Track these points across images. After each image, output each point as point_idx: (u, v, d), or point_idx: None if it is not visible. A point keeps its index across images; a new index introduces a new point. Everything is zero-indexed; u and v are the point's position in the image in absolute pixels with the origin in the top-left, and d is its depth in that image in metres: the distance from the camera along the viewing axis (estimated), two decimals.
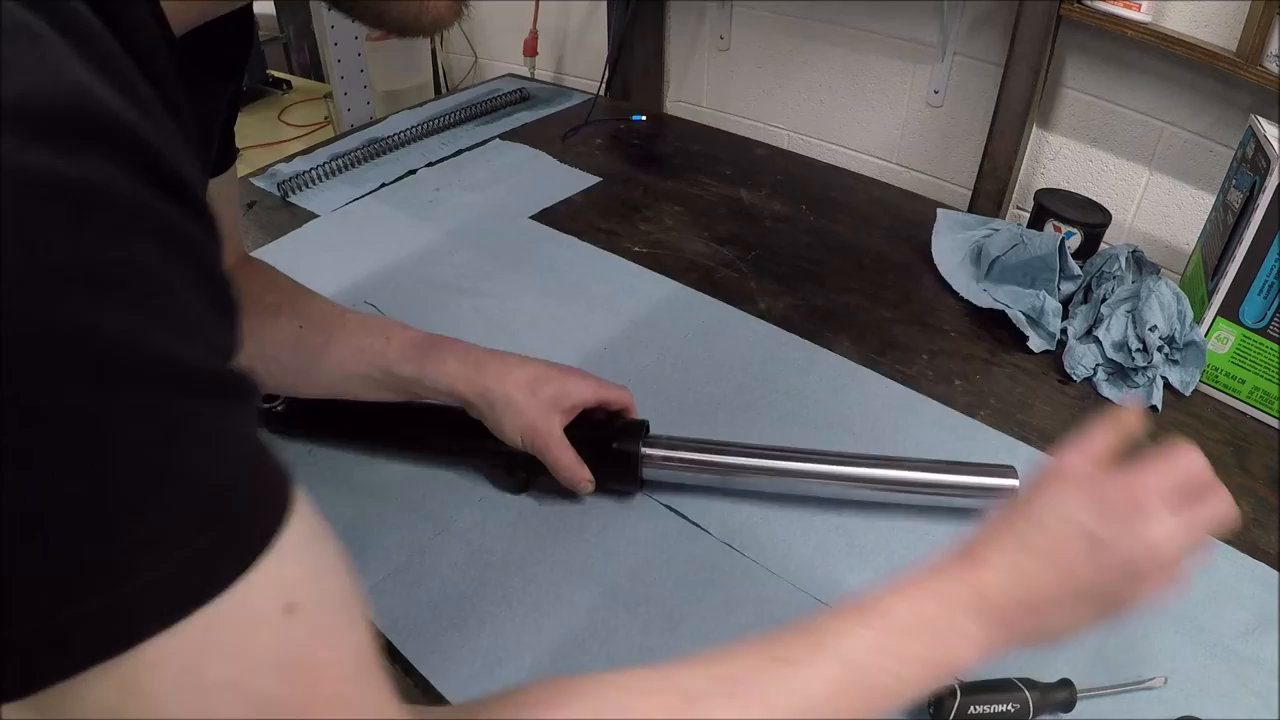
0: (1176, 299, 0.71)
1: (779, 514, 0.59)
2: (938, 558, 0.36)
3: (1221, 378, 0.71)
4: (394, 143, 1.15)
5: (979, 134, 1.05)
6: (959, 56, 1.07)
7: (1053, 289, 0.78)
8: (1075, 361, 0.72)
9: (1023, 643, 0.35)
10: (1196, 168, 0.93)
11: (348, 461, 0.63)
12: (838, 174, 1.11)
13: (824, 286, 0.85)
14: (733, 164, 1.11)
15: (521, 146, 1.16)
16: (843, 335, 0.78)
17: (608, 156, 1.14)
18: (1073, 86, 1.00)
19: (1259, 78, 0.78)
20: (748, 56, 1.30)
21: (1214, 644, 0.50)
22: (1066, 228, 0.86)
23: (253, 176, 1.10)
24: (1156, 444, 0.40)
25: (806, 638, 0.34)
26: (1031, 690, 0.45)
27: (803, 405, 0.69)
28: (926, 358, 0.75)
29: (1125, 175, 0.99)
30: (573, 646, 0.50)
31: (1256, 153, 0.67)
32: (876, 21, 1.12)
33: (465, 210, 0.99)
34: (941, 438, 0.65)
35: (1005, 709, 0.44)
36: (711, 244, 0.92)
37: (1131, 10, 0.86)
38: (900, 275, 0.87)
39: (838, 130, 1.25)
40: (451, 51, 1.83)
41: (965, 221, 0.93)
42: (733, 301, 0.82)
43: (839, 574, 0.55)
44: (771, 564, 0.55)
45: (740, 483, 0.58)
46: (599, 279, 0.85)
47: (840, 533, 0.57)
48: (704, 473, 0.58)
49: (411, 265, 0.88)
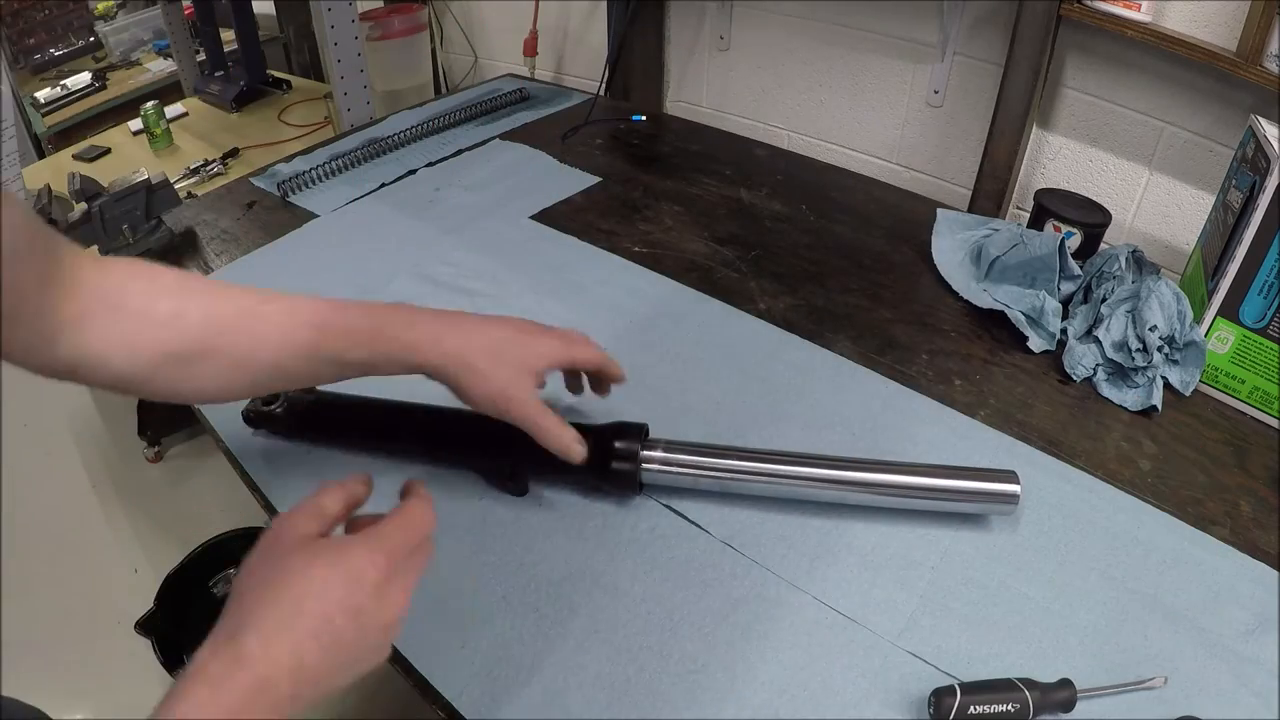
0: (1176, 299, 0.71)
1: (779, 514, 0.59)
2: (200, 659, 0.34)
3: (1221, 378, 0.71)
4: (394, 143, 1.15)
5: (979, 134, 1.05)
6: (959, 56, 1.07)
7: (1053, 289, 0.78)
8: (1075, 361, 0.72)
9: (297, 712, 0.35)
10: (1196, 168, 0.93)
11: (347, 462, 0.63)
12: (838, 174, 1.11)
13: (824, 286, 0.85)
14: (733, 164, 1.11)
15: (521, 146, 1.16)
16: (842, 335, 0.78)
17: (608, 156, 1.14)
18: (1073, 86, 1.00)
19: (1259, 78, 0.78)
20: (748, 56, 1.30)
21: (1214, 644, 0.50)
22: (1066, 228, 0.86)
23: (253, 176, 1.10)
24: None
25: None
26: (1031, 690, 0.45)
27: (802, 405, 0.69)
28: (926, 357, 0.75)
29: (1125, 175, 0.99)
30: (573, 647, 0.50)
31: (1256, 153, 0.67)
32: (876, 21, 1.12)
33: (465, 210, 0.99)
34: (941, 437, 0.65)
35: (1005, 709, 0.44)
36: (711, 244, 0.92)
37: (1131, 10, 0.86)
38: (900, 275, 0.87)
39: (838, 130, 1.25)
40: (451, 51, 1.83)
41: (965, 221, 0.93)
42: (733, 301, 0.82)
43: (839, 574, 0.55)
44: (771, 564, 0.55)
45: (739, 487, 0.58)
46: (599, 279, 0.85)
47: (840, 533, 0.57)
48: (702, 478, 0.58)
49: (411, 265, 0.88)
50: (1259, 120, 0.70)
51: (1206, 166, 0.91)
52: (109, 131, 1.80)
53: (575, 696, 0.48)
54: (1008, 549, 0.56)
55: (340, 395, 0.64)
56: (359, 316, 0.53)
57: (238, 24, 1.76)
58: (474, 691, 0.48)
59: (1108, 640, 0.50)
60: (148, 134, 1.62)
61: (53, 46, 2.17)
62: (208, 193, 1.10)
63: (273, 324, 0.50)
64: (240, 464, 0.64)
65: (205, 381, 0.49)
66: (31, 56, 2.13)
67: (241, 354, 0.49)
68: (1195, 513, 0.59)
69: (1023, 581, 0.54)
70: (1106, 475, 0.62)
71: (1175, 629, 0.51)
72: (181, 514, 1.40)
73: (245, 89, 1.78)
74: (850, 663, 0.49)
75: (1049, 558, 0.55)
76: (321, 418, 0.65)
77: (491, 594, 0.53)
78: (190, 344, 0.48)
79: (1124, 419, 0.68)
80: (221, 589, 1.24)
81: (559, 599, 0.53)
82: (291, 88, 1.83)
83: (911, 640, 0.50)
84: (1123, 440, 0.66)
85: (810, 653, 0.50)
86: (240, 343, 0.49)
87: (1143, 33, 0.85)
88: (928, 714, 0.45)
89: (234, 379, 0.50)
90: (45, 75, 2.15)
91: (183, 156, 1.57)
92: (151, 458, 1.52)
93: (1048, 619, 0.51)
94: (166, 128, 1.63)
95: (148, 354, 0.46)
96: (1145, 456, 0.65)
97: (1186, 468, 0.64)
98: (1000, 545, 0.56)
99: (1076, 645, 0.50)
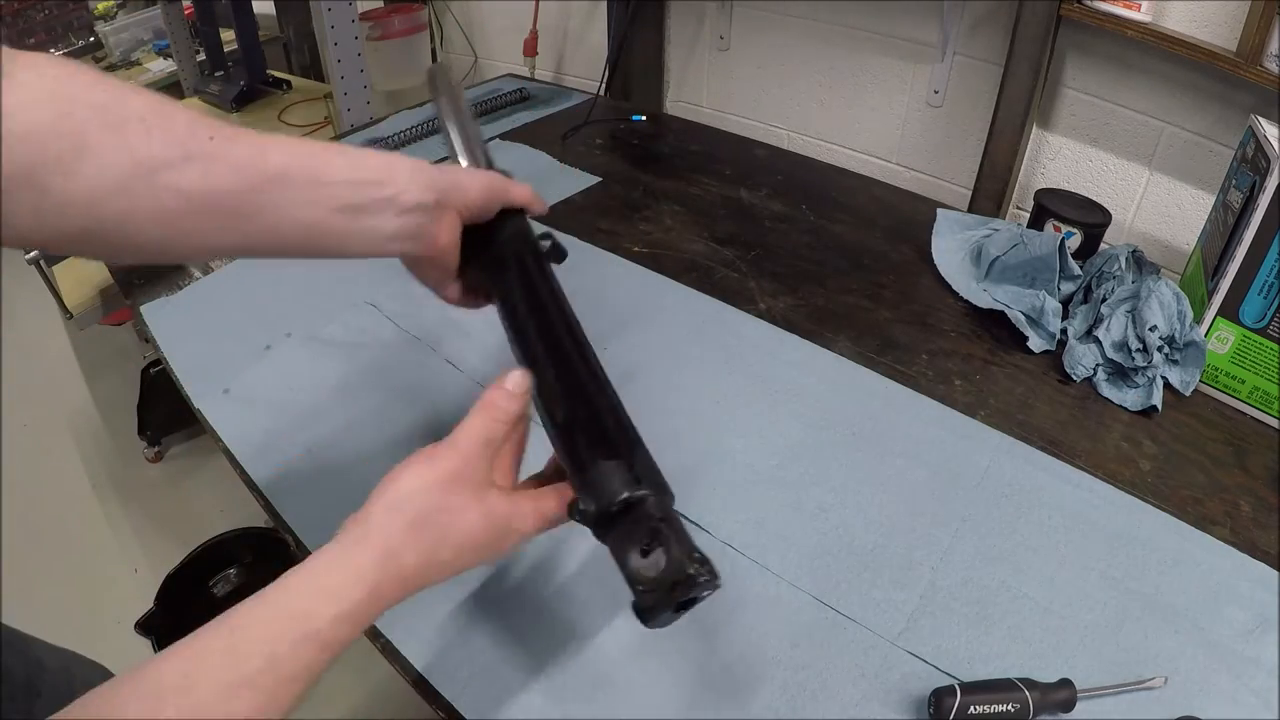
0: (1176, 299, 0.71)
1: (779, 514, 0.59)
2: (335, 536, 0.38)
3: (1221, 378, 0.71)
4: (394, 143, 1.15)
5: (979, 134, 1.05)
6: (959, 56, 1.07)
7: (1053, 289, 0.78)
8: (1075, 361, 0.72)
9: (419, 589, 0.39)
10: (1196, 168, 0.93)
11: (347, 462, 0.63)
12: (838, 174, 1.11)
13: (824, 286, 0.85)
14: (733, 164, 1.11)
15: (521, 146, 1.16)
16: (842, 335, 0.78)
17: (608, 156, 1.14)
18: (1073, 86, 1.00)
19: (1259, 78, 0.78)
20: (748, 56, 1.30)
21: (1214, 644, 0.50)
22: (1066, 228, 0.86)
23: None
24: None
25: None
26: (1031, 690, 0.45)
27: (802, 405, 0.69)
28: (926, 357, 0.75)
29: (1125, 175, 0.99)
30: (573, 647, 0.50)
31: (1256, 153, 0.67)
32: (876, 21, 1.12)
33: None
34: (941, 438, 0.65)
35: (1005, 709, 0.44)
36: (711, 244, 0.92)
37: (1131, 10, 0.86)
38: (900, 275, 0.87)
39: (838, 130, 1.25)
40: (451, 51, 1.83)
41: (965, 221, 0.93)
42: (733, 301, 0.82)
43: (839, 574, 0.55)
44: (771, 564, 0.55)
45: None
46: (599, 279, 0.85)
47: (840, 532, 0.57)
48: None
49: None
50: (1259, 120, 0.70)
51: (1206, 166, 0.91)
52: None
53: (575, 697, 0.48)
54: (1008, 549, 0.56)
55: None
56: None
57: (238, 24, 1.75)
58: (474, 691, 0.48)
59: (1108, 640, 0.50)
60: None
61: (53, 46, 2.17)
62: None
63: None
64: (240, 464, 0.64)
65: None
66: None
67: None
68: (1195, 513, 0.59)
69: (1023, 581, 0.54)
70: (1106, 475, 0.62)
71: (1175, 629, 0.51)
72: (181, 514, 1.40)
73: (245, 89, 1.78)
74: (850, 663, 0.49)
75: (1049, 558, 0.55)
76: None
77: (492, 594, 0.53)
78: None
79: (1124, 419, 0.68)
80: (222, 589, 1.24)
81: (560, 599, 0.53)
82: (291, 88, 1.83)
83: (911, 640, 0.50)
84: (1123, 440, 0.66)
85: (810, 653, 0.50)
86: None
87: (1143, 33, 0.85)
88: (928, 714, 0.45)
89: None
90: None
91: None
92: (151, 458, 1.52)
93: (1048, 619, 0.51)
94: None
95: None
96: (1145, 456, 0.65)
97: (1186, 468, 0.64)
98: (1000, 545, 0.56)
99: (1076, 645, 0.50)
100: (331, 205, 0.41)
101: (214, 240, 0.40)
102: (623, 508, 0.38)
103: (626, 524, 0.38)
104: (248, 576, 1.26)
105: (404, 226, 0.45)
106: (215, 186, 0.38)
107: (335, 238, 0.43)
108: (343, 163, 0.42)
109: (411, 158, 0.47)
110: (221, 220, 0.39)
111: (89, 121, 0.35)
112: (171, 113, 0.38)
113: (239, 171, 0.39)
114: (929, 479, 0.62)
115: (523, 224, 0.54)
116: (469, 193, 0.49)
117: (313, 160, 0.41)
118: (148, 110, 0.37)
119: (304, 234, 0.42)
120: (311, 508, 0.60)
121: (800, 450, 0.64)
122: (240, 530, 1.26)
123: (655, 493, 0.39)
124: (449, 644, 0.50)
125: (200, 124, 0.38)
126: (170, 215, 0.37)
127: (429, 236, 0.47)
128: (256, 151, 0.39)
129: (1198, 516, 0.59)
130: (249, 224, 0.40)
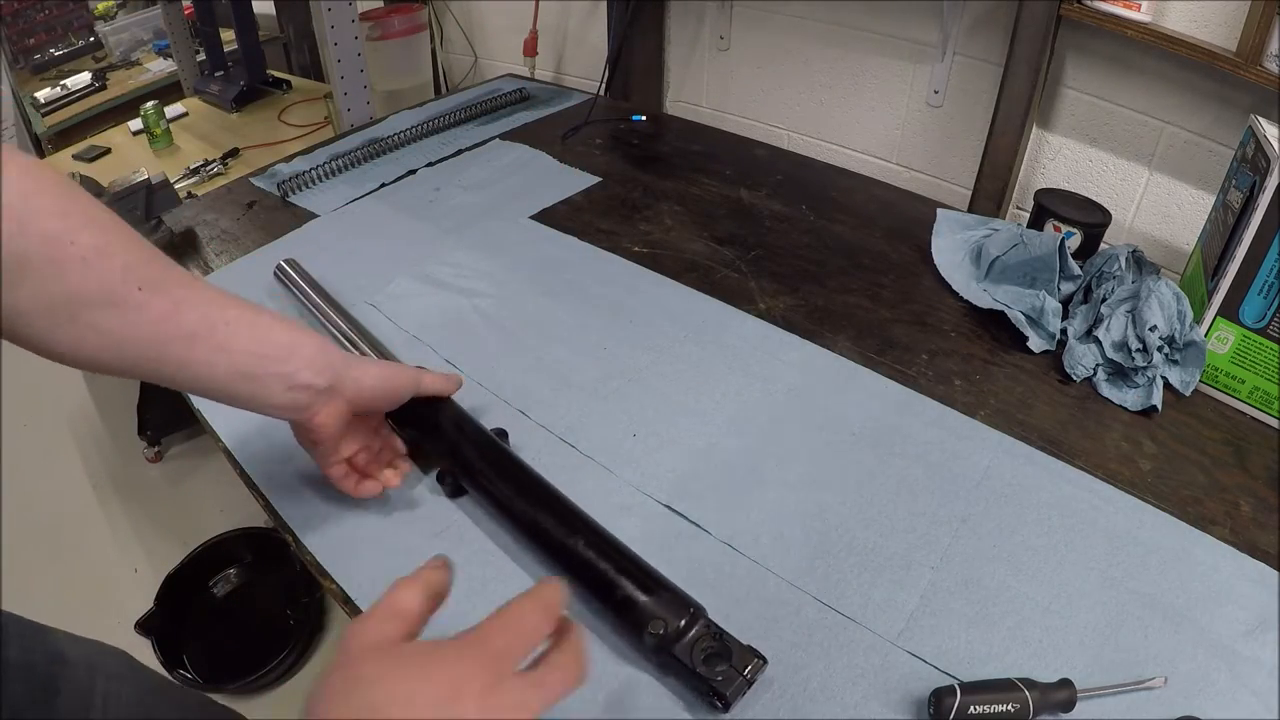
0: (1176, 299, 0.71)
1: (779, 514, 0.59)
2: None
3: (1221, 378, 0.71)
4: (394, 143, 1.15)
5: (979, 134, 1.05)
6: (959, 56, 1.07)
7: (1053, 289, 0.78)
8: (1075, 361, 0.72)
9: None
10: (1196, 168, 0.93)
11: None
12: (838, 174, 1.11)
13: (824, 286, 0.85)
14: (733, 164, 1.11)
15: (521, 146, 1.16)
16: (842, 335, 0.78)
17: (608, 156, 1.14)
18: (1073, 86, 1.00)
19: (1259, 78, 0.78)
20: (748, 56, 1.30)
21: (1214, 644, 0.50)
22: (1066, 228, 0.86)
23: (253, 176, 1.10)
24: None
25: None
26: (1031, 690, 0.45)
27: (802, 405, 0.69)
28: (926, 357, 0.75)
29: (1125, 175, 0.99)
30: None
31: (1256, 153, 0.67)
32: (876, 21, 1.12)
33: (465, 210, 0.99)
34: (941, 437, 0.65)
35: (1005, 709, 0.44)
36: (711, 244, 0.92)
37: (1131, 10, 0.86)
38: (900, 275, 0.87)
39: (838, 130, 1.25)
40: (451, 51, 1.83)
41: (965, 221, 0.93)
42: (732, 301, 0.82)
43: (839, 574, 0.55)
44: (771, 564, 0.55)
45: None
46: (599, 279, 0.85)
47: (840, 533, 0.57)
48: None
49: (411, 265, 0.88)
50: (1259, 120, 0.70)
51: (1206, 166, 0.91)
52: (109, 132, 1.80)
53: (575, 697, 0.47)
54: (1008, 549, 0.56)
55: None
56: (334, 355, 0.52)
57: (238, 24, 1.76)
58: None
59: (1108, 640, 0.50)
60: (148, 134, 1.62)
61: (53, 46, 2.17)
62: (208, 193, 1.10)
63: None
64: (240, 464, 0.64)
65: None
66: (31, 56, 2.13)
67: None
68: (1195, 513, 0.59)
69: (1023, 581, 0.54)
70: (1106, 475, 0.62)
71: (1175, 629, 0.51)
72: (181, 514, 1.40)
73: (245, 89, 1.78)
74: (850, 663, 0.49)
75: (1049, 558, 0.55)
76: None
77: (492, 595, 0.53)
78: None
79: (1124, 419, 0.68)
80: (221, 589, 1.24)
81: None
82: (291, 88, 1.83)
83: (911, 640, 0.50)
84: (1123, 440, 0.66)
85: (810, 653, 0.50)
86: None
87: (1143, 33, 0.85)
88: (928, 714, 0.45)
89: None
90: (45, 75, 2.15)
91: (183, 156, 1.57)
92: (151, 458, 1.52)
93: (1048, 619, 0.51)
94: (166, 128, 1.63)
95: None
96: (1145, 456, 0.65)
97: (1186, 468, 0.64)
98: (1000, 545, 0.56)
99: (1076, 645, 0.50)
100: (230, 369, 0.47)
101: (127, 373, 0.45)
102: (688, 621, 0.47)
103: (691, 638, 0.47)
104: (248, 576, 1.26)
105: (293, 400, 0.50)
106: (130, 335, 0.43)
107: (229, 395, 0.49)
108: (249, 335, 0.48)
109: (322, 338, 0.52)
110: (133, 361, 0.44)
111: (36, 251, 0.39)
112: (114, 254, 0.42)
113: (154, 325, 0.44)
114: (929, 479, 0.62)
115: (453, 408, 0.61)
116: (362, 383, 0.53)
117: (224, 328, 0.47)
118: (91, 250, 0.41)
119: (203, 388, 0.48)
120: (311, 508, 0.60)
121: (800, 450, 0.64)
122: (240, 530, 1.26)
123: (697, 607, 0.48)
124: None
125: (135, 272, 0.43)
126: (88, 348, 0.42)
127: (310, 413, 0.51)
128: (174, 309, 0.44)
129: (1197, 516, 0.59)
130: (155, 369, 0.45)
